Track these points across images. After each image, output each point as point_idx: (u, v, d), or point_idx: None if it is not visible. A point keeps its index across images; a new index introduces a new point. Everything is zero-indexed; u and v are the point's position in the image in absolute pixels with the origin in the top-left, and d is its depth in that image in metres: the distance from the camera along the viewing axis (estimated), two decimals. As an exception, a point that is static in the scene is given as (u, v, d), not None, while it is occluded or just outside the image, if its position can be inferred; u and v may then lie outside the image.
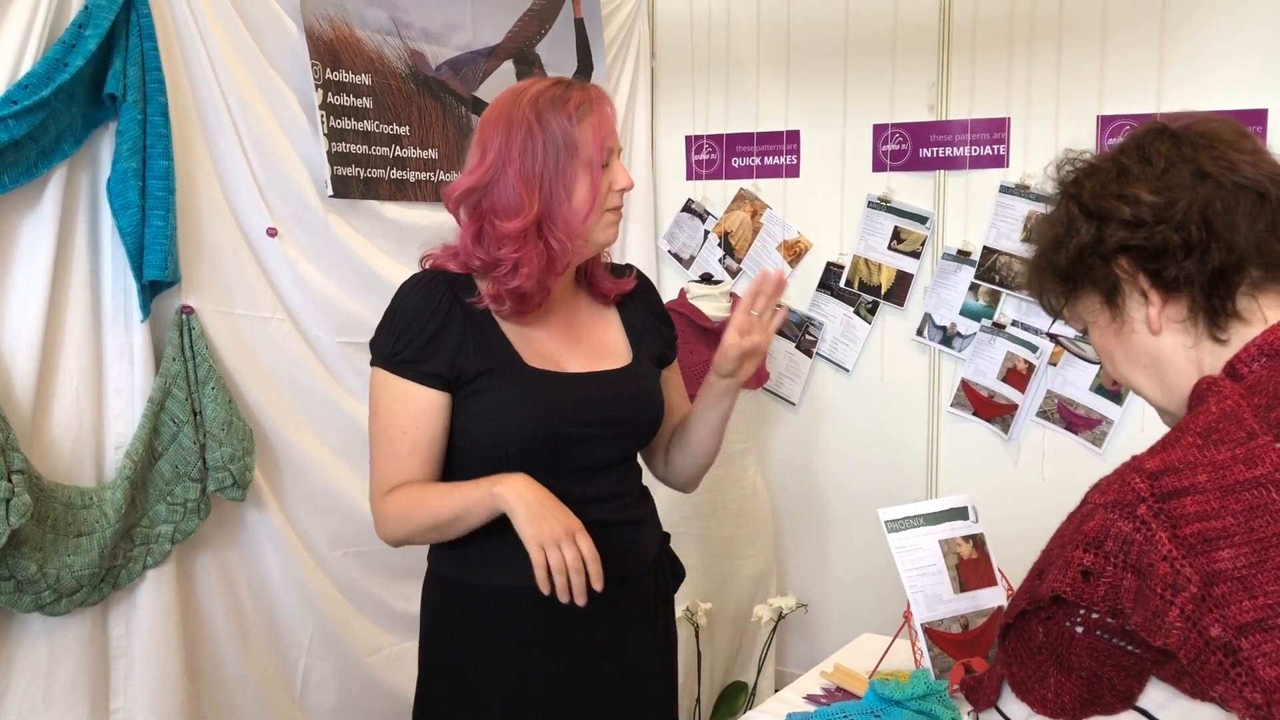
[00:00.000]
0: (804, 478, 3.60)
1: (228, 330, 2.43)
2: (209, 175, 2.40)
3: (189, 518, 2.34)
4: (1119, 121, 2.99)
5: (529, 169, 1.54)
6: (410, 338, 1.57)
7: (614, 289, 1.74)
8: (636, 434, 1.72)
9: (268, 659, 2.59)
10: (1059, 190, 1.07)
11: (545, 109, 1.55)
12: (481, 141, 1.59)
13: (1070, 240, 1.02)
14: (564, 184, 1.54)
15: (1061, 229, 1.04)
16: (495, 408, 1.57)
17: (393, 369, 1.58)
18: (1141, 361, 1.04)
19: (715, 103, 3.62)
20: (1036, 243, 1.09)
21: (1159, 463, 0.89)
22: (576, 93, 1.58)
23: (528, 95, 1.57)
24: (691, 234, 3.71)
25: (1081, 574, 0.87)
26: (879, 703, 1.74)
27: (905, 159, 3.33)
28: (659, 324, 1.81)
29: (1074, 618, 0.89)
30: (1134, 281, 1.00)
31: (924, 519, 1.91)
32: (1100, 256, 1.01)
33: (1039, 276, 1.09)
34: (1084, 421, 3.11)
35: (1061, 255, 1.04)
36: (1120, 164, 1.01)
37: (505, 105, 1.58)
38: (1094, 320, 1.06)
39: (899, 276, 3.37)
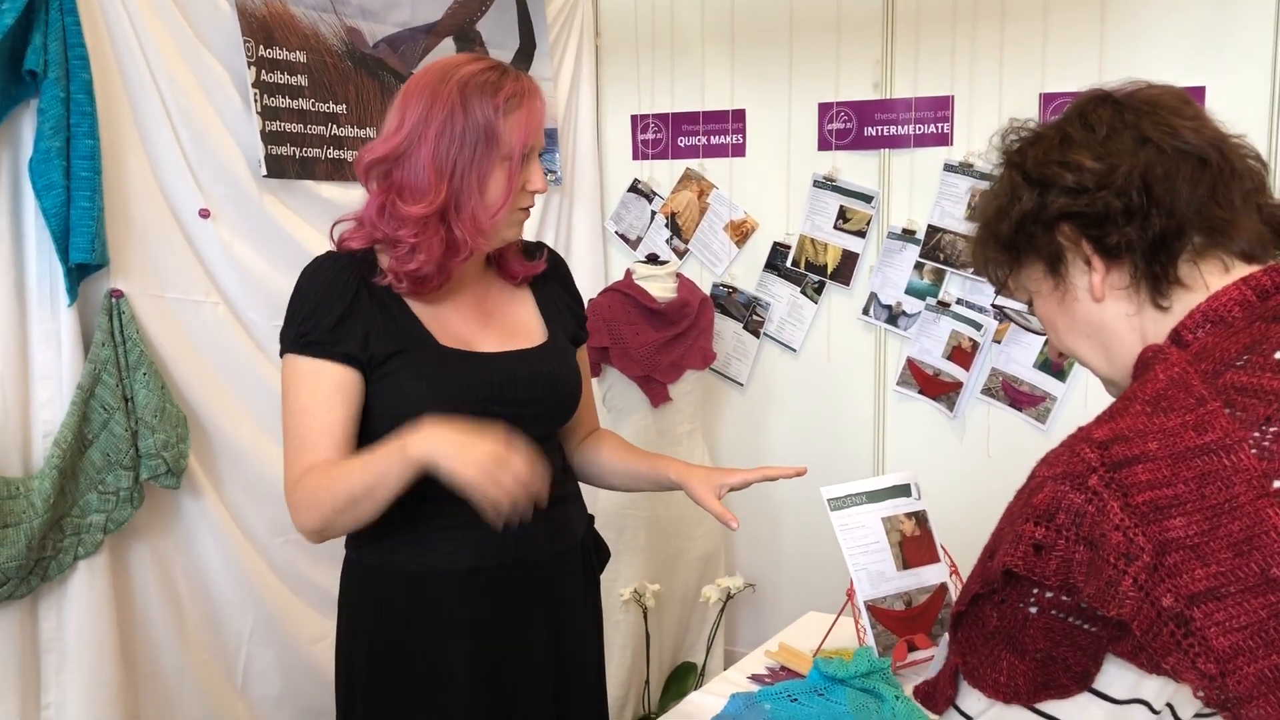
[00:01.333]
0: (751, 458, 3.59)
1: (159, 314, 2.37)
2: (138, 155, 2.33)
3: (121, 506, 2.28)
4: (1061, 99, 3.00)
5: (442, 153, 1.49)
6: (317, 320, 1.51)
7: (524, 271, 1.70)
8: (555, 413, 1.69)
9: (207, 649, 2.54)
10: (1003, 159, 1.06)
11: (473, 94, 1.49)
12: (401, 109, 1.54)
13: (1013, 208, 1.01)
14: (477, 176, 1.49)
15: (1004, 198, 1.03)
16: (408, 389, 1.52)
17: (300, 350, 1.52)
18: (1085, 330, 1.03)
19: (661, 82, 3.59)
20: (980, 214, 1.08)
21: (1108, 432, 0.87)
22: (510, 82, 1.52)
23: (458, 75, 1.50)
24: (638, 214, 3.68)
25: (1033, 548, 0.85)
26: (823, 681, 1.74)
27: (850, 138, 3.32)
28: (572, 303, 1.78)
29: (1027, 598, 0.87)
30: (1076, 249, 0.99)
31: (866, 496, 1.91)
32: (1043, 224, 1.00)
33: (983, 247, 1.08)
34: (1028, 398, 3.13)
35: (1004, 224, 1.02)
36: (1063, 131, 1.00)
37: (432, 79, 1.52)
38: (1037, 289, 1.05)
39: (845, 256, 3.36)
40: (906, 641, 1.82)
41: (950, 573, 1.93)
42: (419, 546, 1.55)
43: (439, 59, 1.59)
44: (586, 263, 3.58)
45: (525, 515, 1.37)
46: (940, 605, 1.89)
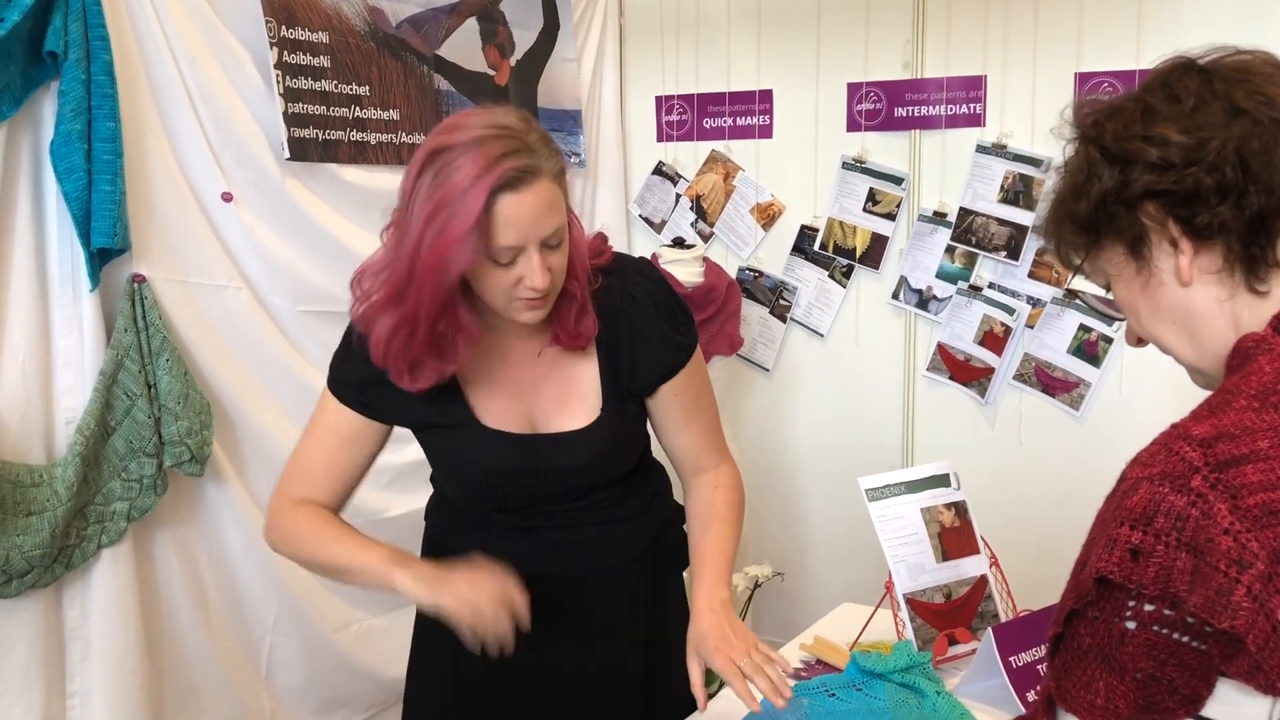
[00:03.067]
0: (778, 444, 3.55)
1: (182, 299, 2.34)
2: (159, 138, 2.30)
3: (145, 494, 2.26)
4: (1098, 79, 2.93)
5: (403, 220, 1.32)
6: (353, 371, 1.49)
7: (574, 342, 1.47)
8: (601, 482, 1.56)
9: (231, 638, 2.51)
10: (1077, 134, 0.99)
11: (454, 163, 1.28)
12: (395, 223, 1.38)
13: (1091, 187, 0.94)
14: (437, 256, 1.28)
15: (1081, 175, 0.96)
16: (444, 461, 1.55)
17: (332, 389, 1.53)
18: (1170, 317, 0.97)
19: (685, 62, 3.53)
20: (1054, 191, 1.01)
21: (1209, 429, 0.82)
22: (509, 160, 1.27)
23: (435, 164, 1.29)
24: (662, 197, 3.63)
25: (1129, 553, 0.79)
26: (860, 676, 1.70)
27: (880, 119, 3.26)
28: (662, 336, 1.52)
29: (1123, 611, 0.80)
30: (1162, 230, 0.93)
31: (905, 487, 1.86)
32: (1124, 204, 0.93)
33: (1057, 227, 1.01)
34: (1061, 384, 3.07)
35: (1082, 204, 0.96)
36: (1145, 103, 0.93)
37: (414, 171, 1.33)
38: (1117, 274, 0.98)
39: (874, 239, 3.30)
40: (947, 635, 1.78)
41: (990, 564, 1.88)
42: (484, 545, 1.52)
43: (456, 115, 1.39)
44: (610, 247, 3.53)
45: (506, 646, 1.36)
46: (980, 598, 1.85)
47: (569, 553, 1.56)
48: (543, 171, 1.31)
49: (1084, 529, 3.42)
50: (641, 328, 1.50)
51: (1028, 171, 3.04)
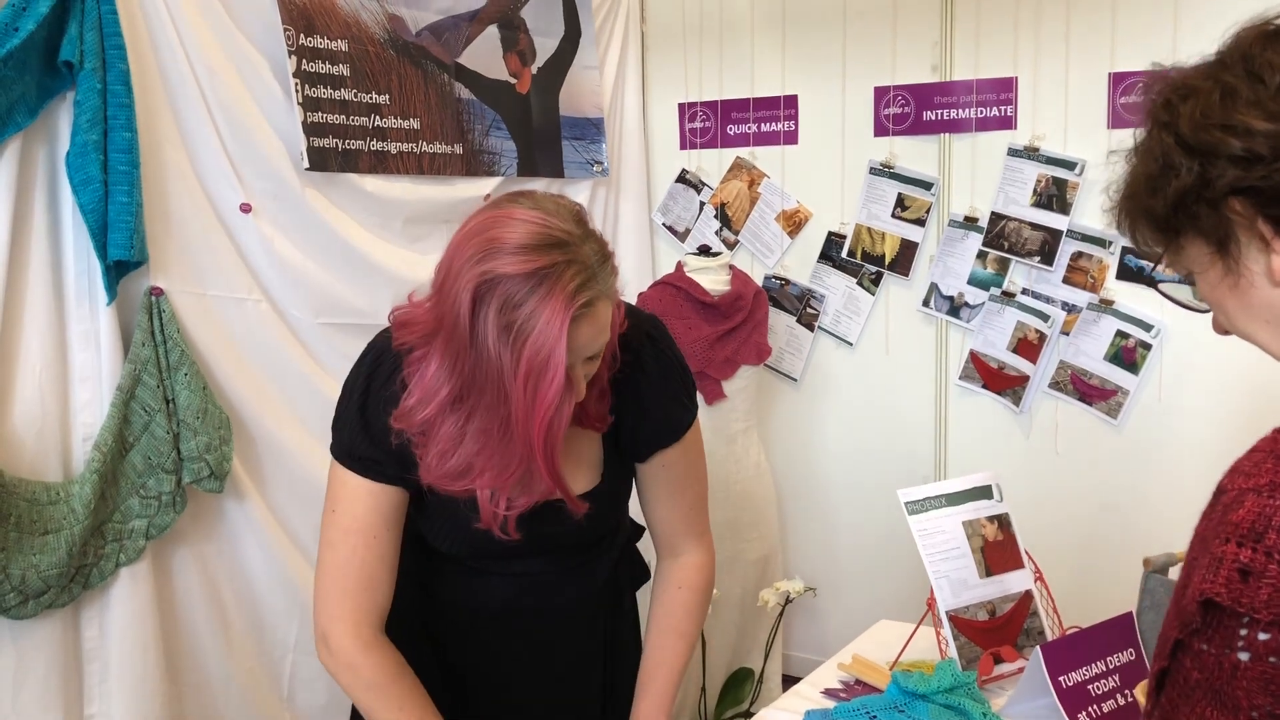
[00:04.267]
0: (806, 457, 3.48)
1: (200, 312, 2.30)
2: (176, 148, 2.26)
3: (164, 511, 2.21)
4: (1132, 79, 2.86)
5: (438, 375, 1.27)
6: (368, 435, 1.37)
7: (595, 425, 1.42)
8: (590, 545, 1.54)
9: (253, 658, 2.46)
10: (1148, 115, 0.90)
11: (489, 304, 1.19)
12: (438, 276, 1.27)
13: (1168, 183, 0.85)
14: (544, 420, 1.22)
15: (1155, 168, 0.87)
16: (435, 521, 1.43)
17: (351, 466, 1.39)
18: (1264, 316, 0.87)
19: (709, 68, 3.48)
20: (1127, 179, 0.92)
21: None
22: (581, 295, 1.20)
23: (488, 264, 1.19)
24: (686, 206, 3.58)
25: (1238, 573, 0.71)
26: (903, 697, 1.63)
27: (908, 122, 3.19)
28: (663, 408, 1.47)
29: (1234, 640, 0.72)
30: (1251, 228, 0.83)
31: (946, 499, 1.79)
32: (1207, 202, 0.84)
33: (1131, 221, 0.92)
34: (1098, 392, 2.99)
35: (1158, 201, 0.86)
36: (1223, 83, 0.83)
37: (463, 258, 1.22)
38: (1202, 271, 0.89)
39: (903, 245, 3.24)
40: (992, 654, 1.71)
41: (1035, 579, 1.81)
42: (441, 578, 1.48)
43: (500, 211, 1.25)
44: (633, 256, 3.48)
45: None
46: (1025, 614, 1.78)
47: (540, 588, 1.52)
48: (603, 295, 1.25)
49: (1124, 542, 3.35)
50: (647, 397, 1.45)
51: (1061, 174, 2.97)
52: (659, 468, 1.51)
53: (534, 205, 1.24)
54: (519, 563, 1.48)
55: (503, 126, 2.98)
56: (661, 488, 1.53)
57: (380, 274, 2.62)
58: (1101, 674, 1.61)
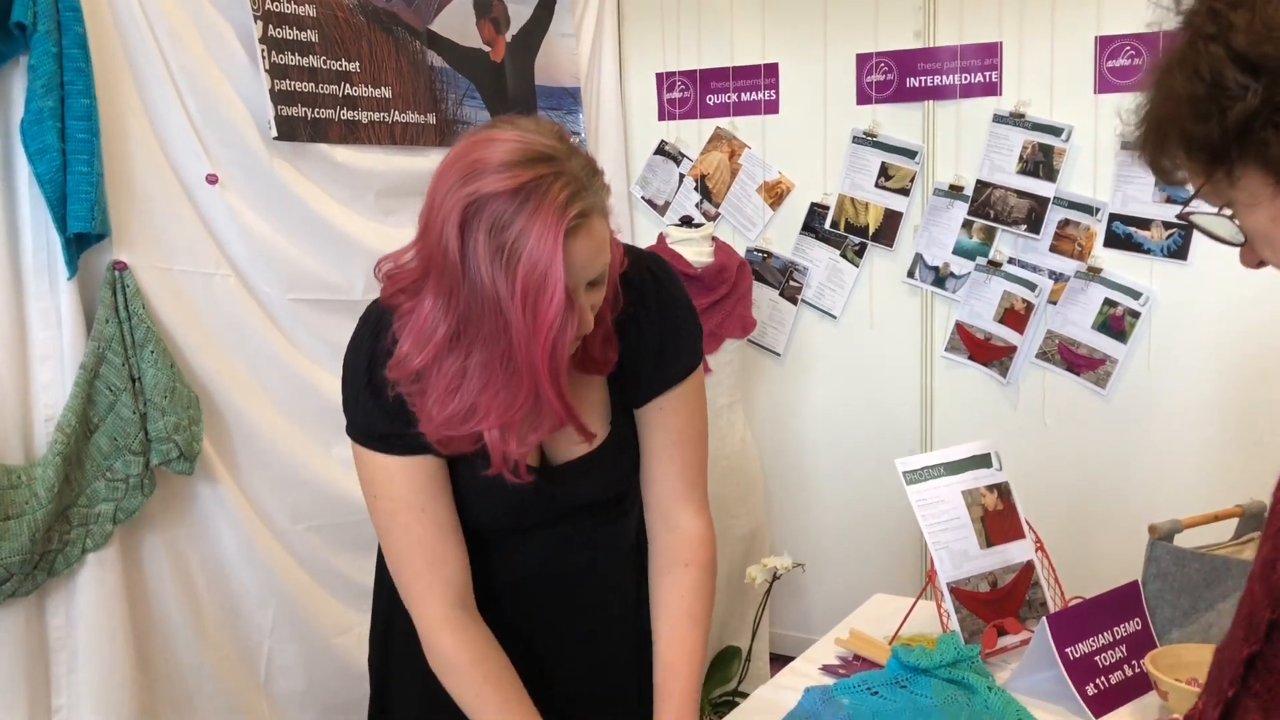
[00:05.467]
0: (791, 432, 3.42)
1: (166, 288, 2.22)
2: (137, 116, 2.17)
3: (131, 495, 2.13)
4: (1119, 42, 2.81)
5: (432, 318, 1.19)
6: (391, 416, 1.27)
7: (600, 368, 1.35)
8: (612, 504, 1.48)
9: (227, 645, 2.39)
10: (1185, 28, 0.80)
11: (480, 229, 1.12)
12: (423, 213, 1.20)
13: (1224, 104, 0.76)
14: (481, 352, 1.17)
15: (1203, 88, 0.77)
16: (463, 493, 1.35)
17: (383, 449, 1.31)
18: None
19: (687, 36, 3.40)
20: (1157, 98, 0.83)
21: None
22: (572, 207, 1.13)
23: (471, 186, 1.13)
24: (665, 178, 3.50)
25: None
26: (904, 672, 1.57)
27: (891, 90, 3.13)
28: (648, 358, 1.39)
29: None
30: None
31: (944, 468, 1.73)
32: (1276, 127, 0.75)
33: (1160, 149, 0.84)
34: (1086, 362, 2.95)
35: (1209, 126, 0.78)
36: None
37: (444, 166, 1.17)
38: (1252, 202, 0.80)
39: (887, 215, 3.18)
40: (995, 627, 1.66)
41: (1036, 548, 1.76)
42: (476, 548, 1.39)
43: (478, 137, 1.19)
44: (612, 230, 3.41)
45: None
46: (1028, 585, 1.73)
47: (564, 553, 1.46)
48: (595, 210, 1.18)
49: (1115, 512, 3.30)
50: (649, 336, 1.38)
51: (1047, 141, 2.92)
52: (657, 414, 1.41)
53: (513, 126, 1.19)
54: (549, 529, 1.42)
55: (477, 95, 2.90)
56: (659, 439, 1.42)
57: (352, 248, 2.53)
58: (1109, 644, 1.56)
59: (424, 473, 1.31)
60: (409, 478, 1.31)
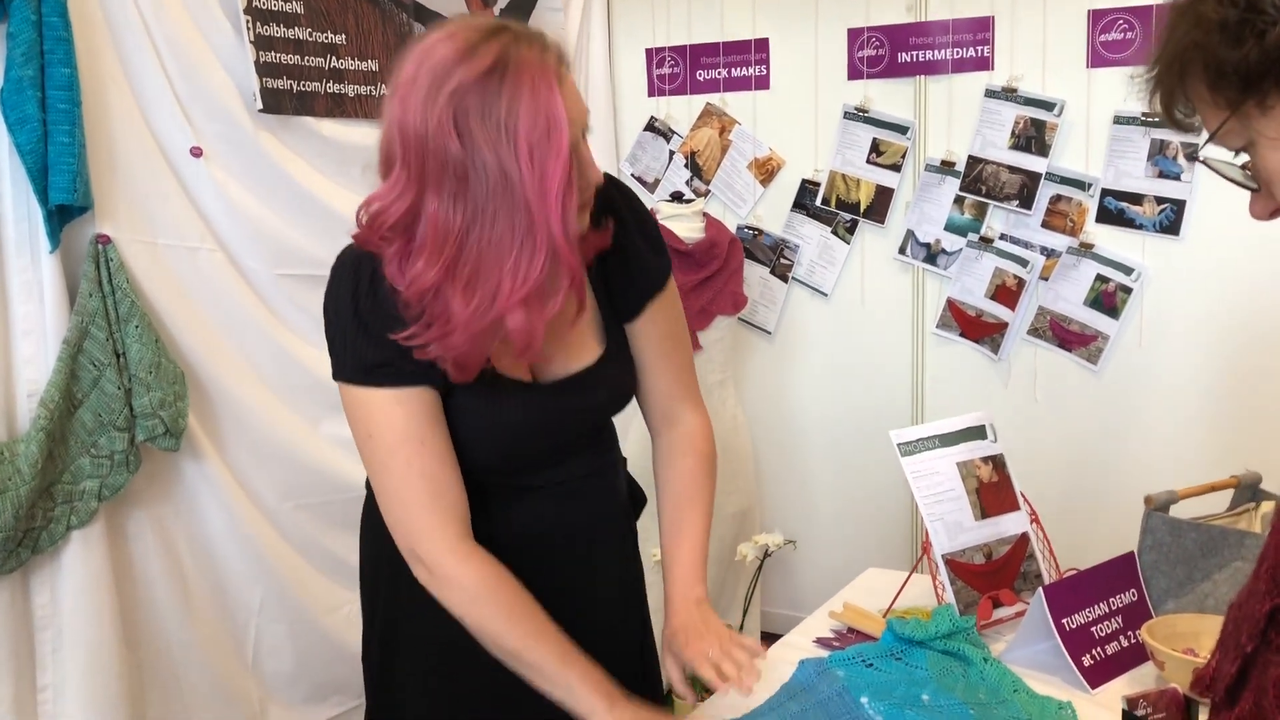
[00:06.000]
0: (782, 409, 3.41)
1: (151, 262, 2.19)
2: (120, 87, 2.13)
3: (117, 471, 2.11)
4: (1112, 15, 2.79)
5: (445, 221, 1.17)
6: (383, 345, 1.25)
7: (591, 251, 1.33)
8: (607, 417, 1.49)
9: (215, 623, 2.37)
10: None
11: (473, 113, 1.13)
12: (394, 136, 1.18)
13: (1262, 26, 0.74)
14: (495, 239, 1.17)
15: (1235, 12, 0.76)
16: (465, 424, 1.32)
17: (378, 383, 1.27)
18: None
19: (677, 11, 3.37)
20: (1183, 33, 0.81)
21: None
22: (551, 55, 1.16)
23: (447, 87, 1.13)
24: (655, 155, 3.48)
25: None
26: (899, 644, 1.56)
27: (883, 65, 3.11)
28: (634, 264, 1.40)
29: None
30: None
31: (939, 440, 1.72)
32: None
33: (1182, 79, 0.81)
34: (1078, 338, 2.94)
35: (1246, 48, 0.75)
36: None
37: (412, 81, 1.16)
38: (1279, 135, 0.78)
39: (879, 192, 3.16)
40: (990, 598, 1.65)
41: (1030, 520, 1.75)
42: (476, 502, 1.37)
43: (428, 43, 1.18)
44: (602, 207, 3.38)
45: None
46: (1022, 557, 1.72)
47: (565, 507, 1.45)
48: (564, 60, 1.20)
49: (1106, 488, 3.28)
50: (629, 248, 1.39)
51: (1040, 115, 2.90)
52: (650, 324, 1.44)
53: (442, 28, 1.19)
54: (546, 473, 1.41)
55: (465, 70, 2.86)
56: (655, 347, 1.45)
57: (339, 223, 2.46)
58: (1104, 615, 1.55)
59: (421, 404, 1.28)
60: (406, 410, 1.28)
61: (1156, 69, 0.84)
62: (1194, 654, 1.43)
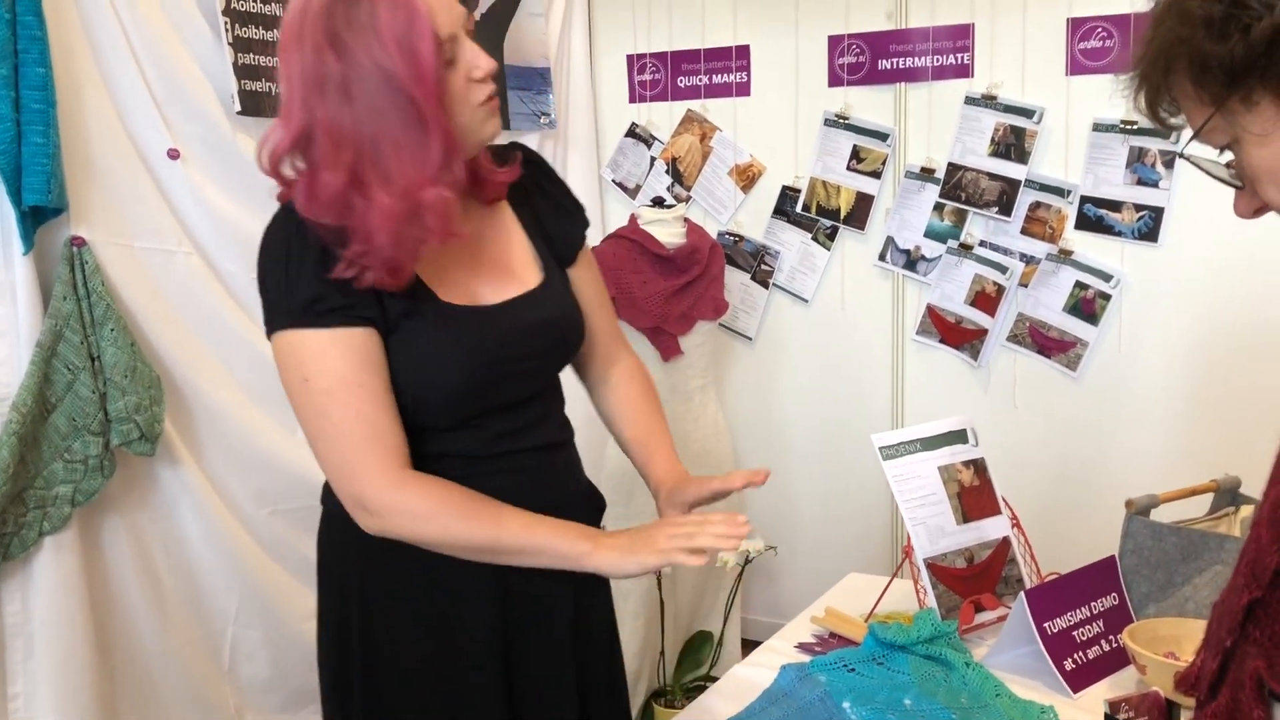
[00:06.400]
0: (763, 416, 3.41)
1: (127, 264, 2.17)
2: (96, 87, 2.11)
3: (91, 476, 2.08)
4: (1091, 23, 2.81)
5: (337, 125, 1.21)
6: (318, 281, 1.25)
7: (503, 181, 1.42)
8: (560, 359, 1.51)
9: (191, 630, 2.34)
10: None
11: (341, 27, 1.19)
12: (285, 77, 1.25)
13: (1247, 21, 0.74)
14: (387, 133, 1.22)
15: (1220, 7, 0.76)
16: (417, 356, 1.31)
17: (313, 323, 1.25)
18: None
19: (658, 18, 3.37)
20: (1169, 28, 0.81)
21: None
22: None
23: (312, 10, 1.21)
24: (636, 161, 3.47)
25: None
26: (881, 648, 1.56)
27: (863, 72, 3.12)
28: (558, 203, 1.52)
29: None
30: None
31: (921, 444, 1.72)
32: None
33: (1166, 75, 0.81)
34: (1057, 344, 2.95)
35: (1232, 43, 0.75)
36: None
37: (293, 24, 1.23)
38: (1264, 133, 0.78)
39: (859, 198, 3.17)
40: (972, 603, 1.64)
41: (1012, 524, 1.75)
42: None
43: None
44: (583, 213, 3.37)
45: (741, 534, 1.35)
46: (1004, 561, 1.72)
47: (524, 482, 1.42)
48: None
49: (1085, 494, 3.28)
50: (555, 194, 1.52)
51: (1019, 123, 2.91)
52: (585, 269, 1.54)
53: None
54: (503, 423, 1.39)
55: (446, 74, 2.85)
56: (592, 290, 1.55)
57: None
58: (1086, 620, 1.55)
59: (358, 346, 1.27)
60: (343, 351, 1.27)
61: (1141, 66, 0.84)
62: (1175, 658, 1.43)
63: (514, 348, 1.38)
